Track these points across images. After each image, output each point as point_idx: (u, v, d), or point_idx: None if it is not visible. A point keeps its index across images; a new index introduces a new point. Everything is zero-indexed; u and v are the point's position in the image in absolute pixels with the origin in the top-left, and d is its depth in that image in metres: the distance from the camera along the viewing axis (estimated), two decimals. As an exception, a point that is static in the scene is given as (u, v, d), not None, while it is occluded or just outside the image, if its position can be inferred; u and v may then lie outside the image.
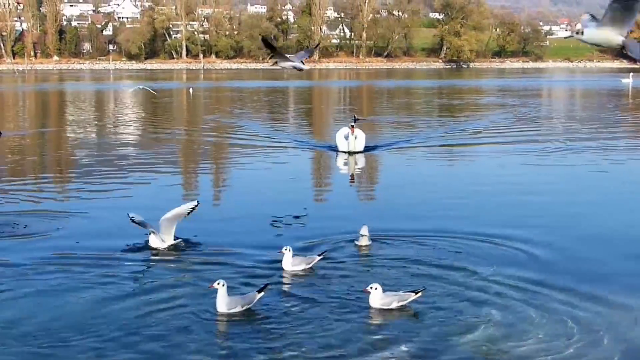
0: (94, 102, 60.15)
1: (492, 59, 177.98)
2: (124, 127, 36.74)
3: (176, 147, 28.15)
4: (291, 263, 10.91)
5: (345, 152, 23.99)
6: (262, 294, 9.48)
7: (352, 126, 23.69)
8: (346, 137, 23.94)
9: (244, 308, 9.30)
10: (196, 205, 12.41)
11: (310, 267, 10.95)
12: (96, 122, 40.14)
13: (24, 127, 36.54)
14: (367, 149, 24.47)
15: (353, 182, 20.53)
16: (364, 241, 12.25)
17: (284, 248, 10.88)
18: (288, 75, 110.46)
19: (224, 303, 9.23)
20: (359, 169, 22.61)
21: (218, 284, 9.28)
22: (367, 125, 30.70)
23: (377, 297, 9.34)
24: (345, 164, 23.18)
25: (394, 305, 9.31)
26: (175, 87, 79.69)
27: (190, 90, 65.94)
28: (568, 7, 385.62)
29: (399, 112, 45.41)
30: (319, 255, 11.20)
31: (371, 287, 9.36)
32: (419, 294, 9.43)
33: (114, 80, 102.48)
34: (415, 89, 73.94)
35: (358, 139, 23.80)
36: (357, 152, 23.87)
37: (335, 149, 24.69)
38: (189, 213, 12.38)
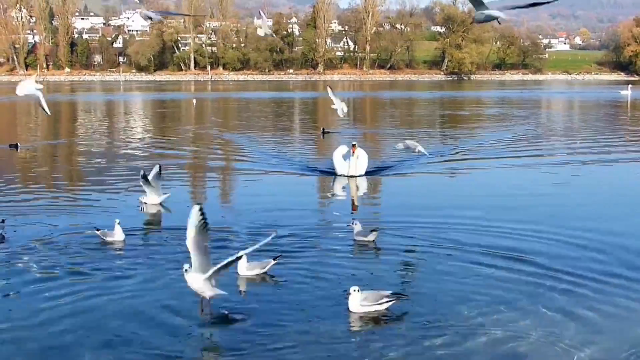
0: (102, 112, 60.08)
1: (493, 71, 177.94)
2: (120, 137, 36.56)
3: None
4: (246, 267, 10.78)
5: (344, 176, 20.13)
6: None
7: (354, 145, 19.82)
8: (345, 158, 20.10)
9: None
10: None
11: (265, 272, 10.83)
12: (94, 132, 39.99)
13: (39, 138, 36.43)
14: (369, 171, 20.81)
15: (356, 210, 16.80)
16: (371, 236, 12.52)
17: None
18: (293, 87, 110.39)
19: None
20: (362, 196, 18.89)
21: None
22: (370, 142, 29.76)
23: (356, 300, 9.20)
24: (344, 189, 19.46)
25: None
26: (183, 97, 79.60)
27: (194, 101, 65.78)
28: (566, 21, 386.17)
29: (402, 124, 44.37)
30: (274, 259, 10.98)
31: (353, 290, 9.22)
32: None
33: (123, 92, 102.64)
34: (418, 100, 73.77)
35: (360, 160, 19.95)
36: (358, 176, 20.05)
37: (331, 171, 20.86)
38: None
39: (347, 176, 19.98)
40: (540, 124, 41.82)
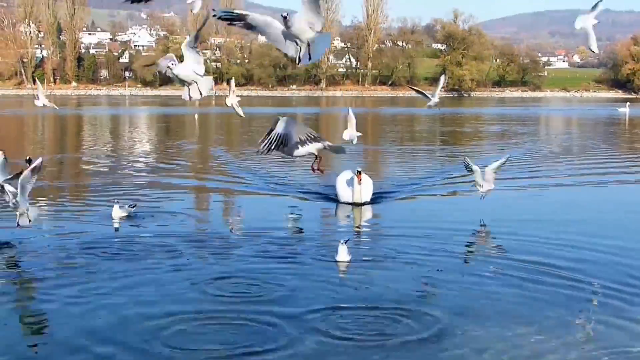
0: (107, 126, 60.11)
1: (493, 88, 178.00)
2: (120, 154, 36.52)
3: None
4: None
5: (348, 204, 18.37)
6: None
7: (360, 172, 18.07)
8: (348, 184, 18.44)
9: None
10: None
11: None
12: (96, 147, 39.94)
13: (52, 152, 36.40)
14: (375, 197, 18.98)
15: (359, 232, 15.84)
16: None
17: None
18: (297, 102, 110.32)
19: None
20: (366, 224, 17.20)
21: None
22: (372, 163, 29.06)
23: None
24: (348, 217, 17.82)
25: None
26: (187, 112, 79.63)
27: (196, 116, 65.71)
28: (565, 39, 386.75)
29: (406, 141, 43.47)
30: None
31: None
32: None
33: (129, 106, 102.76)
34: (419, 117, 73.74)
35: (365, 187, 18.31)
36: (363, 204, 18.33)
37: (334, 198, 19.06)
38: None
39: (351, 204, 18.21)
40: (553, 142, 41.21)
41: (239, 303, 10.11)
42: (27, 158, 27.30)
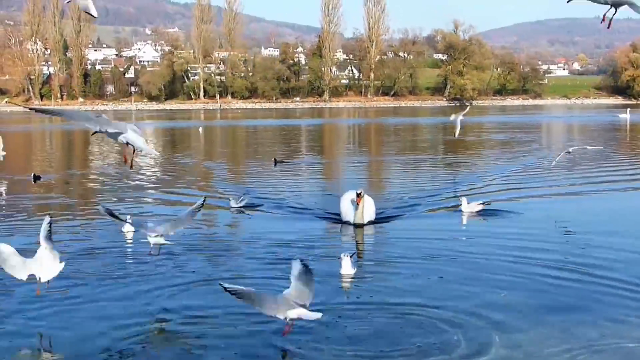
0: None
1: (494, 97, 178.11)
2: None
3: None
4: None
5: (349, 224, 17.24)
6: None
7: (359, 195, 16.96)
8: (353, 203, 17.41)
9: None
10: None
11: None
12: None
13: (57, 169, 36.39)
14: (379, 217, 17.73)
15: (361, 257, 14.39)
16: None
17: None
18: (300, 114, 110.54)
19: None
20: (369, 241, 16.41)
21: None
22: (375, 180, 28.19)
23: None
24: (350, 235, 16.68)
25: None
26: (192, 125, 79.91)
27: (200, 130, 65.76)
28: (565, 47, 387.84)
29: (409, 152, 42.26)
30: None
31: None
32: None
33: (135, 120, 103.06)
34: (423, 127, 73.72)
35: (366, 209, 17.28)
36: (365, 224, 17.20)
37: (337, 217, 17.93)
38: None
39: (353, 224, 17.10)
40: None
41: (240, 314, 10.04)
42: (33, 174, 27.34)
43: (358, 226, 17.01)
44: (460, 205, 18.29)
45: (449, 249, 14.37)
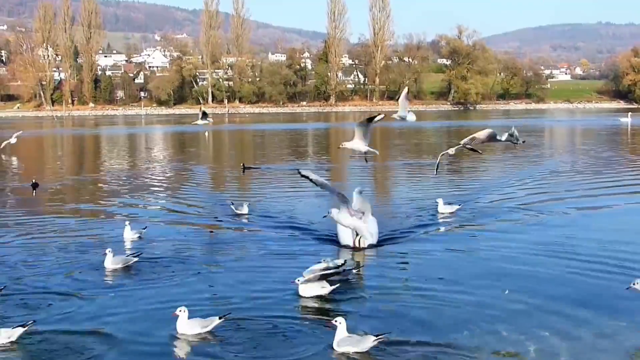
0: (125, 145, 60.38)
1: (497, 101, 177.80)
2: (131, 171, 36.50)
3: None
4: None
5: (349, 247, 15.36)
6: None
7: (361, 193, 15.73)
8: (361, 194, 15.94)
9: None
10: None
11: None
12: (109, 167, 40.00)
13: (65, 173, 36.52)
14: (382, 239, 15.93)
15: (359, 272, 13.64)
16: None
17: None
18: (307, 118, 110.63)
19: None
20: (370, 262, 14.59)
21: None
22: (380, 189, 26.91)
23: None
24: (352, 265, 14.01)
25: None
26: (201, 130, 79.98)
27: (207, 134, 65.87)
28: (567, 52, 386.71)
29: (414, 156, 41.19)
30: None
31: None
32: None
33: (145, 125, 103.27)
34: (429, 130, 73.69)
35: (369, 228, 15.32)
36: (365, 248, 15.29)
37: (333, 238, 16.22)
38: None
39: (352, 248, 15.32)
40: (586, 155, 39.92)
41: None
42: (33, 180, 27.12)
43: (358, 250, 15.17)
44: (437, 206, 19.50)
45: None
